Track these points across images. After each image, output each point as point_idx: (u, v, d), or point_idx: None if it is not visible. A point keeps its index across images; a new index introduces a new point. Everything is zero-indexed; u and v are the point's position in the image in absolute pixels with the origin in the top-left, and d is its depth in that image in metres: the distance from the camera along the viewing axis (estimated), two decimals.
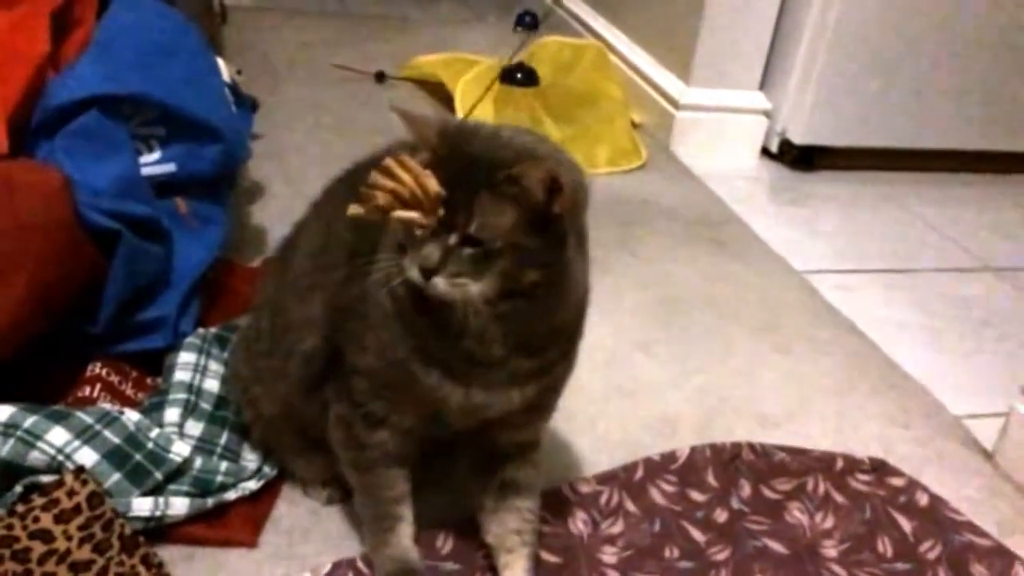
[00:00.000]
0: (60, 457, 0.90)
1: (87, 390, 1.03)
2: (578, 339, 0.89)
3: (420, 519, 0.94)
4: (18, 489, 0.89)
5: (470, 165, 0.74)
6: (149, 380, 1.11)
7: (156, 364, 1.12)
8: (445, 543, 0.98)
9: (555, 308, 0.81)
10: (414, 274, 0.75)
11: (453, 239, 0.73)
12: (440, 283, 0.74)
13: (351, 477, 0.93)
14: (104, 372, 1.05)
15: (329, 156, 1.89)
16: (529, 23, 2.91)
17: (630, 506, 1.05)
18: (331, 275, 0.90)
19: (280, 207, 1.63)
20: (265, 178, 1.72)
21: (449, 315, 0.78)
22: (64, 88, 1.09)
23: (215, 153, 1.23)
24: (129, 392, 1.07)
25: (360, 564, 0.94)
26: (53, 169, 0.98)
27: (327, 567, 0.93)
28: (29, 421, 0.91)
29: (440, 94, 2.22)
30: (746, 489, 1.09)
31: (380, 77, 2.33)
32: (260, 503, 1.00)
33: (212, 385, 1.07)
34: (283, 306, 0.96)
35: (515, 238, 0.74)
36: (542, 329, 0.82)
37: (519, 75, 2.17)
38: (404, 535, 0.92)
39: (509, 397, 0.84)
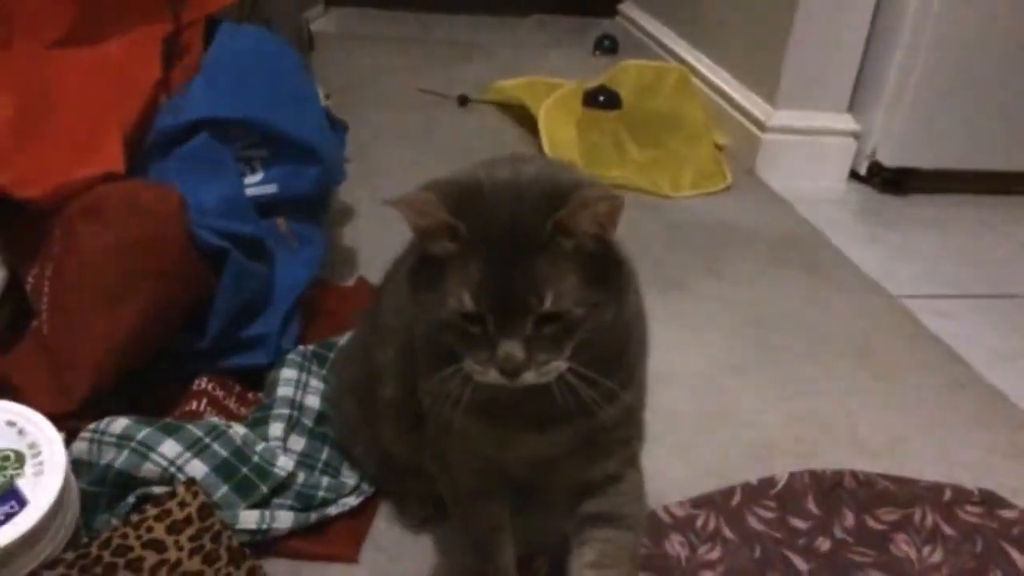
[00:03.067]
0: (172, 469, 0.92)
1: (194, 404, 1.05)
2: (633, 371, 0.79)
3: (517, 540, 0.93)
4: (131, 499, 0.92)
5: (508, 240, 0.65)
6: (250, 395, 1.13)
7: (256, 379, 1.15)
8: (541, 567, 0.97)
9: (607, 340, 0.71)
10: (492, 377, 0.65)
11: (529, 328, 0.64)
12: (530, 377, 0.65)
13: (449, 507, 0.93)
14: (210, 387, 1.08)
15: (415, 179, 1.91)
16: (608, 47, 2.92)
17: (727, 532, 1.03)
18: (401, 318, 0.88)
19: (369, 228, 1.66)
20: (354, 200, 1.75)
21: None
22: (176, 112, 1.13)
23: (315, 174, 1.26)
24: (232, 407, 1.09)
25: None
26: (171, 189, 1.02)
27: None
28: (142, 433, 0.93)
29: (522, 117, 2.24)
30: (849, 518, 1.06)
31: (463, 100, 2.36)
32: (359, 519, 1.01)
33: (313, 401, 1.09)
34: (373, 351, 0.95)
35: (588, 295, 0.65)
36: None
37: (601, 98, 2.17)
38: (503, 565, 0.91)
39: (533, 440, 0.77)
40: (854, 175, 2.14)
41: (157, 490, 0.92)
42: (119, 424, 0.94)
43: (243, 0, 1.42)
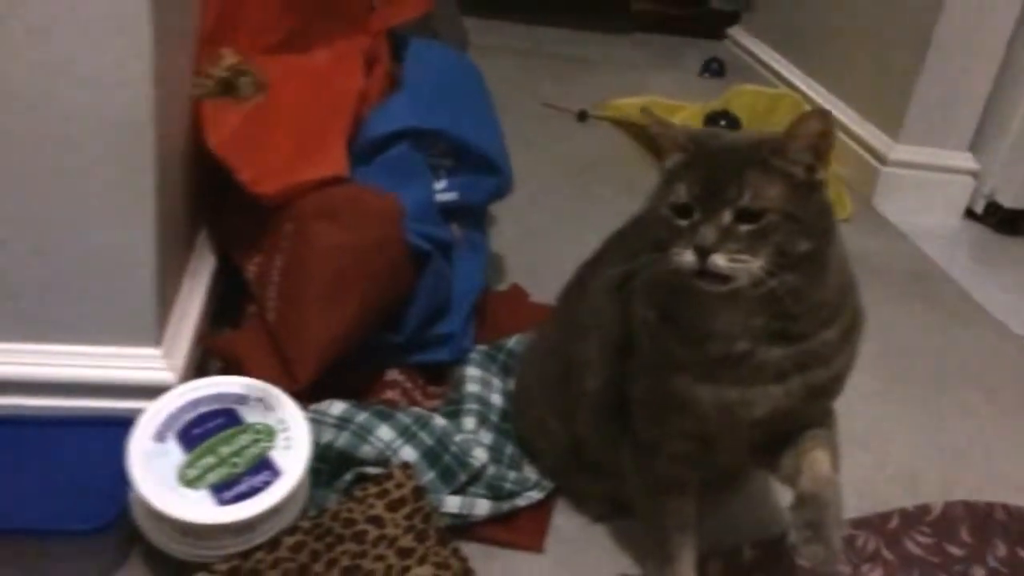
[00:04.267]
0: (387, 452, 1.00)
1: (388, 393, 1.13)
2: (853, 333, 0.87)
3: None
4: (348, 477, 1.00)
5: (726, 152, 0.78)
6: (430, 389, 1.21)
7: (433, 375, 1.22)
8: (714, 570, 1.03)
9: (818, 282, 0.80)
10: (687, 258, 0.75)
11: (727, 216, 0.75)
12: (720, 259, 0.74)
13: (638, 503, 1.00)
14: (401, 378, 1.16)
15: (546, 190, 1.99)
16: (716, 70, 2.97)
17: (887, 553, 1.08)
18: (603, 314, 0.97)
19: (510, 236, 1.74)
20: (492, 209, 1.83)
21: (693, 316, 0.82)
22: (381, 121, 1.21)
23: (491, 185, 1.34)
24: (419, 399, 1.17)
25: None
26: (392, 195, 1.10)
27: None
28: (360, 417, 1.02)
29: (638, 135, 2.31)
30: (1001, 549, 1.10)
31: (582, 116, 2.43)
32: (541, 512, 1.07)
33: (496, 399, 1.16)
34: (567, 347, 1.04)
35: (787, 207, 0.75)
36: (800, 309, 0.80)
37: (723, 122, 2.22)
38: (685, 564, 0.97)
39: (769, 393, 0.84)
40: (969, 213, 2.17)
41: (371, 470, 1.00)
42: (338, 407, 1.02)
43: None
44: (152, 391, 0.97)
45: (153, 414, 0.91)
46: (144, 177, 0.91)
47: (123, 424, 0.95)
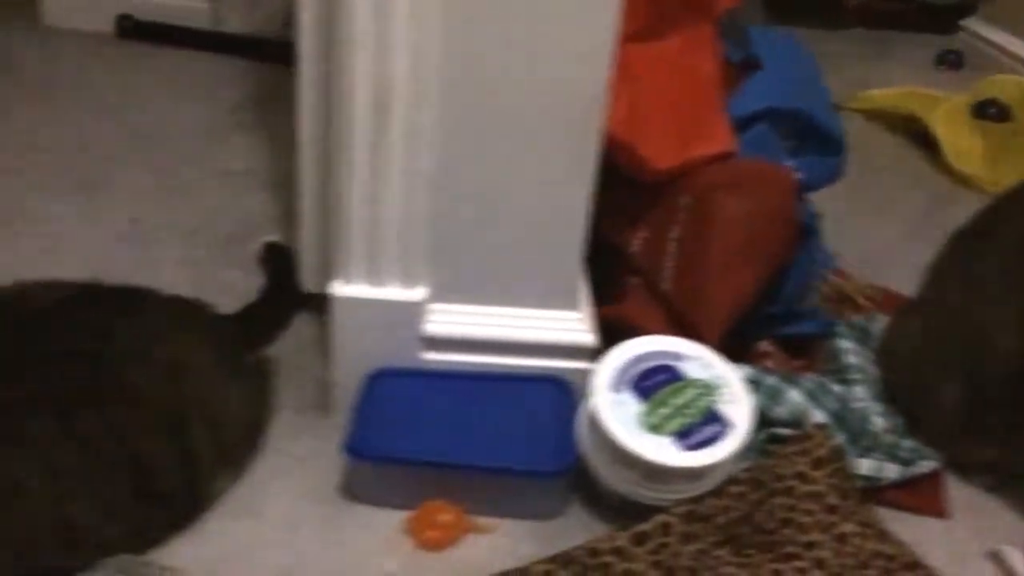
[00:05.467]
0: (797, 413, 1.04)
1: (767, 363, 1.17)
2: None
3: None
4: (760, 436, 1.04)
5: None
6: (794, 362, 1.24)
7: (794, 349, 1.25)
8: None
9: None
10: None
11: None
12: None
13: None
14: (773, 350, 1.19)
15: None
16: (953, 62, 2.88)
17: None
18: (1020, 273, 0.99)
19: None
20: None
21: None
22: (745, 101, 1.25)
23: (832, 166, 1.34)
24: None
25: None
26: (788, 168, 1.14)
27: None
28: (769, 380, 1.06)
29: (893, 125, 2.28)
30: None
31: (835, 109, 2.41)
32: (938, 480, 1.09)
33: (873, 370, 1.18)
34: (970, 308, 1.05)
35: None
36: None
37: (992, 111, 2.17)
38: None
39: None
40: None
41: (783, 431, 1.04)
42: (746, 370, 1.06)
43: None
44: (578, 352, 1.04)
45: (607, 367, 0.98)
46: (589, 146, 0.98)
47: (555, 381, 1.03)
